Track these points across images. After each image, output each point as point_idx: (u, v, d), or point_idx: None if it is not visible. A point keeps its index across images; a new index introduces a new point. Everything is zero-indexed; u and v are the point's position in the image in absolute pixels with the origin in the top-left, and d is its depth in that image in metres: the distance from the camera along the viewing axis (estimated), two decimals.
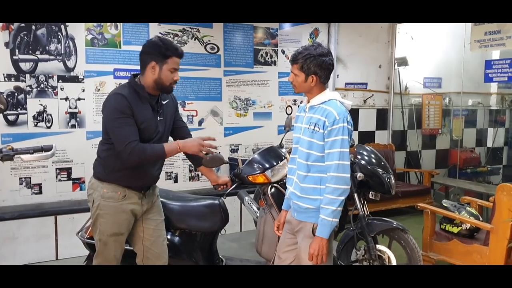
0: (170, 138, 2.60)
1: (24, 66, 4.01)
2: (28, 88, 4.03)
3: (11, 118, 3.99)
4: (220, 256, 3.25)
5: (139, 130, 2.32)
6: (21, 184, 4.08)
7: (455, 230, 3.59)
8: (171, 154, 2.37)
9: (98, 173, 2.45)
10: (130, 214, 2.44)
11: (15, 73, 3.97)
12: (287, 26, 5.30)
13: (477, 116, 6.95)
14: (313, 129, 2.21)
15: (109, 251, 2.44)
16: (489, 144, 7.01)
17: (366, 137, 5.90)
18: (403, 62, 6.04)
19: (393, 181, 3.17)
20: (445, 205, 3.74)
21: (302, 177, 2.27)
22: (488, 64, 5.05)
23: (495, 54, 5.48)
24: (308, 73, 2.21)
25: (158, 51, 2.33)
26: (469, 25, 5.06)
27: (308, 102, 2.31)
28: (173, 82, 2.39)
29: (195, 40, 4.76)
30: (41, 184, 4.15)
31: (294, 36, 5.36)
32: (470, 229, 3.53)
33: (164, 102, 2.51)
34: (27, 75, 4.02)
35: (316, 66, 2.19)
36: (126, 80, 2.44)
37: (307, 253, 2.23)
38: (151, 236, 2.55)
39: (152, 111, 2.41)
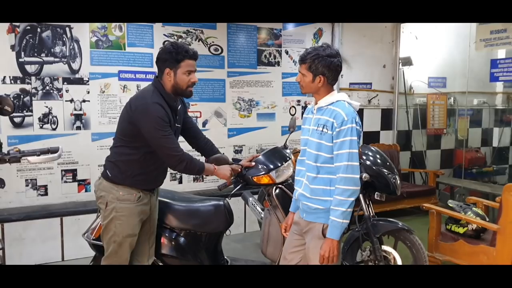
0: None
1: (30, 68, 4.03)
2: (33, 90, 4.05)
3: (17, 120, 4.01)
4: (225, 257, 3.25)
5: None
6: (27, 185, 4.10)
7: (461, 230, 3.57)
8: (205, 173, 2.58)
9: (113, 176, 2.46)
10: (143, 214, 2.51)
11: (21, 75, 3.99)
12: (290, 27, 5.30)
13: (482, 115, 6.91)
14: (322, 131, 2.21)
15: (122, 252, 2.48)
16: (495, 144, 6.97)
17: (371, 137, 5.89)
18: (407, 62, 6.02)
19: (398, 181, 3.16)
20: (450, 205, 3.73)
21: (311, 179, 2.26)
22: (494, 63, 5.03)
23: (501, 53, 5.45)
24: (316, 73, 2.20)
25: (170, 57, 2.37)
26: (474, 24, 5.04)
27: (316, 103, 2.30)
28: (190, 85, 2.44)
29: (199, 41, 4.77)
30: (46, 185, 4.17)
31: (298, 36, 5.35)
32: (476, 230, 3.52)
33: (178, 108, 2.56)
34: (33, 78, 4.04)
35: (324, 67, 2.19)
36: (132, 82, 2.47)
37: (315, 253, 2.23)
38: (147, 233, 2.66)
39: (174, 118, 2.49)
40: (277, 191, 3.02)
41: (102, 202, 2.49)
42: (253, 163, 2.92)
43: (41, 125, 4.10)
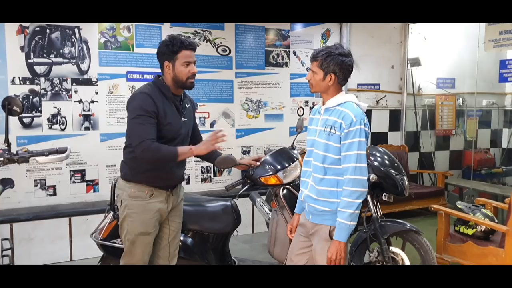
0: None
1: (39, 69, 4.06)
2: (42, 91, 4.08)
3: (26, 120, 4.05)
4: (233, 258, 3.25)
5: (164, 130, 2.35)
6: (36, 185, 4.13)
7: (469, 232, 3.54)
8: (183, 157, 2.37)
9: (124, 174, 2.48)
10: (157, 213, 2.46)
11: (30, 76, 4.03)
12: (298, 27, 5.30)
13: (491, 116, 6.86)
14: (329, 131, 2.19)
15: (136, 251, 2.45)
16: (504, 145, 6.92)
17: (379, 138, 5.87)
18: (416, 62, 6.00)
19: (406, 182, 3.14)
20: (459, 206, 3.71)
21: (318, 180, 2.25)
22: (503, 63, 4.99)
23: (510, 54, 5.42)
24: (327, 71, 2.19)
25: (167, 50, 2.37)
26: (483, 24, 5.00)
27: (323, 104, 2.29)
28: (190, 76, 2.39)
29: (207, 42, 4.78)
30: (55, 186, 4.20)
31: (306, 37, 5.35)
32: (485, 231, 3.49)
33: (187, 106, 2.54)
34: (42, 78, 4.07)
35: (336, 65, 2.18)
36: (140, 83, 2.47)
37: (322, 255, 2.22)
38: (169, 236, 2.59)
39: (177, 111, 2.44)
40: (285, 191, 3.02)
41: (118, 201, 2.50)
42: (258, 163, 2.91)
43: (50, 126, 4.13)
